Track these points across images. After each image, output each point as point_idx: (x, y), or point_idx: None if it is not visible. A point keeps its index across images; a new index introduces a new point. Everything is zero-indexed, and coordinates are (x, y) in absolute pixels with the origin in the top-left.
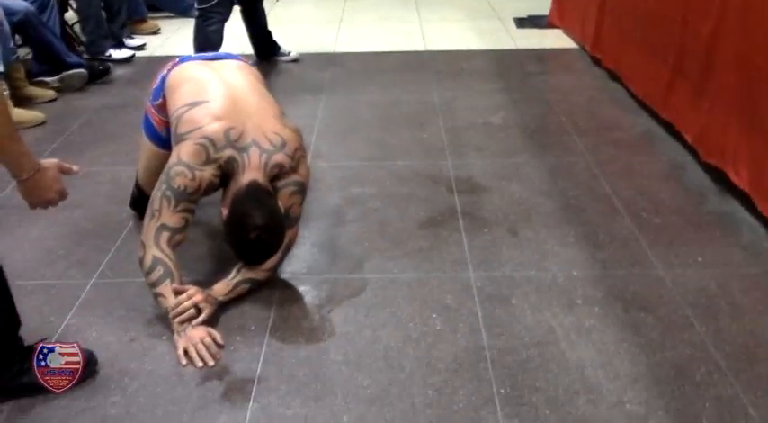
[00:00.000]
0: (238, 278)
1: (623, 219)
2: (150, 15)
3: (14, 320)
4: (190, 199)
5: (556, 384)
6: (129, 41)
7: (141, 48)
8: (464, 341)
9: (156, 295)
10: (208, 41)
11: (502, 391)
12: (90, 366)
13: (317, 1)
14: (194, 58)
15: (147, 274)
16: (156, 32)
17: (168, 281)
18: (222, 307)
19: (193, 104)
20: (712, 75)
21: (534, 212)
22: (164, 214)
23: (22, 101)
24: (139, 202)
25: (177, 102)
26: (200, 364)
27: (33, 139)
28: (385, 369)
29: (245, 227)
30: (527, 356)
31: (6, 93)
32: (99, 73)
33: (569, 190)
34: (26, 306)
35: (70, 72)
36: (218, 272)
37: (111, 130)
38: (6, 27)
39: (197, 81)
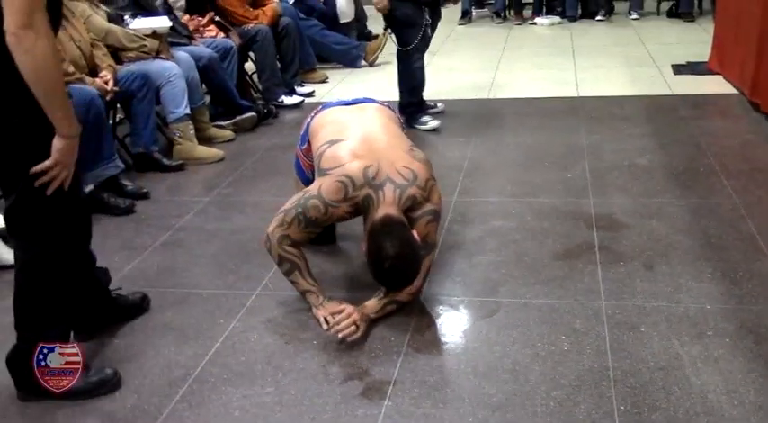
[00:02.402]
0: (387, 299)
1: (767, 258)
2: (319, 66)
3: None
4: (318, 225)
5: (677, 406)
6: (299, 89)
7: (310, 95)
8: (589, 361)
9: (291, 281)
10: (414, 79)
11: (622, 407)
12: None
13: (475, 50)
14: (335, 104)
15: (277, 264)
16: (324, 81)
17: (297, 271)
18: None
19: (332, 142)
20: None
21: (672, 249)
22: (292, 229)
23: (205, 141)
24: None
25: (319, 141)
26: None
27: (213, 174)
28: (511, 381)
29: (381, 258)
30: (650, 379)
31: (192, 132)
32: (265, 115)
33: (711, 229)
34: (200, 309)
35: (242, 116)
36: (367, 288)
37: (278, 166)
38: (196, 74)
39: (336, 123)
